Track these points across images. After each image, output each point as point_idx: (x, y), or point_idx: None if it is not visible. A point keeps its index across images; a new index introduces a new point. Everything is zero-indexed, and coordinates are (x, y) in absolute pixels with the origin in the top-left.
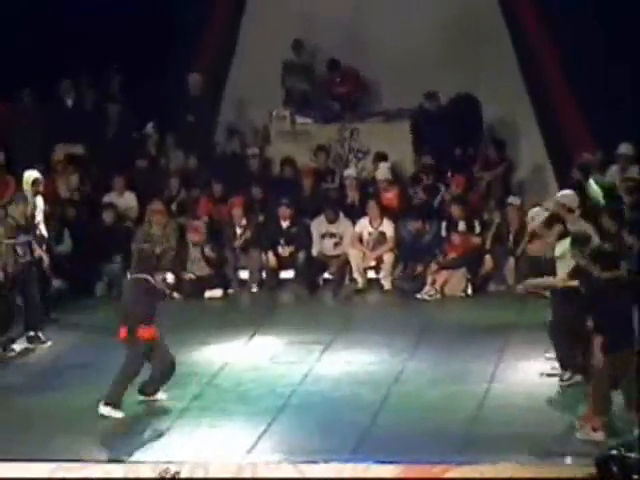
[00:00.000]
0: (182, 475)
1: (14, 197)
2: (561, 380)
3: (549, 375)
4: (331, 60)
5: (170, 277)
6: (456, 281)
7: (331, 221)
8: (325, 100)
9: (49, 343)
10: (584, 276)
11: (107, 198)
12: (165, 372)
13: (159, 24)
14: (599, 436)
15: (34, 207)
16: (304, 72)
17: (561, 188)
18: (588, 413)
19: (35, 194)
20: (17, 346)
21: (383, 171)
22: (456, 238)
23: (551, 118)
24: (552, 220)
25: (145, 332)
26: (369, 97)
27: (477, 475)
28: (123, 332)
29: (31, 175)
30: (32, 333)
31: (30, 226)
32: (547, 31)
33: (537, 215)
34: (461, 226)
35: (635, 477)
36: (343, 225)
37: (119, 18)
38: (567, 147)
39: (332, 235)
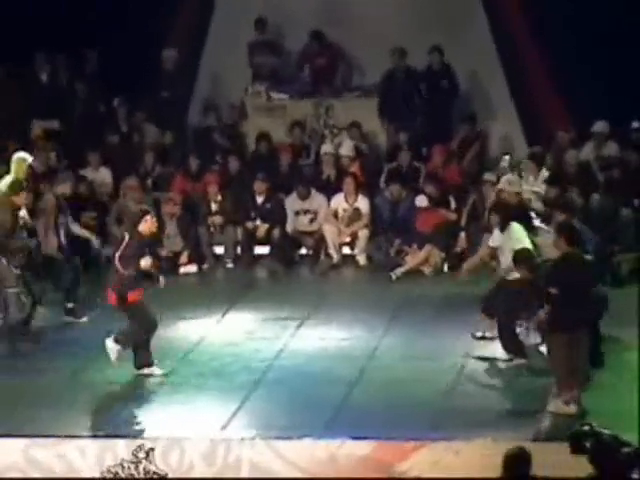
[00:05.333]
0: (157, 452)
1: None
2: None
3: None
4: (314, 31)
5: (145, 262)
6: (432, 260)
7: (303, 197)
8: (301, 73)
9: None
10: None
11: (83, 173)
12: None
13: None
14: (570, 410)
15: None
16: (270, 48)
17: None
18: (556, 387)
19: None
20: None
21: (346, 147)
22: (421, 213)
23: (526, 94)
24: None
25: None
26: (347, 71)
27: (451, 452)
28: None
29: (20, 156)
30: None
31: None
32: (523, 2)
33: (511, 183)
34: (422, 201)
35: (608, 454)
36: (317, 201)
37: None
38: (542, 124)
39: (306, 212)
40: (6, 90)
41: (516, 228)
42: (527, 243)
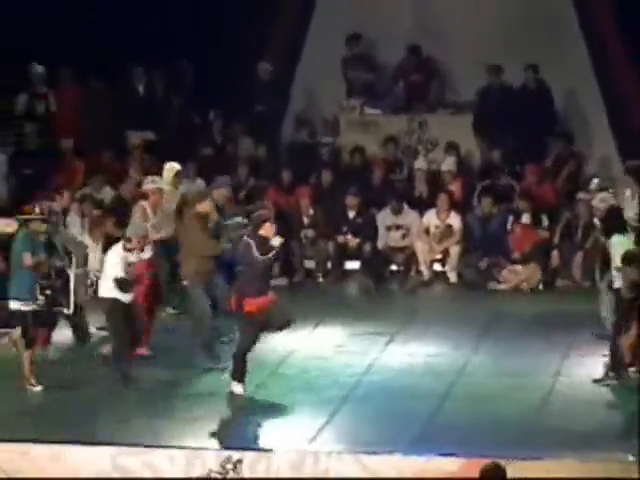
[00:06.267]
0: (244, 463)
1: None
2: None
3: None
4: (412, 46)
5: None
6: (532, 277)
7: (396, 212)
8: (396, 87)
9: None
10: None
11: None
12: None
13: (230, 14)
14: None
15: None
16: (364, 63)
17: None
18: None
19: (176, 186)
20: None
21: (448, 163)
22: (518, 231)
23: (622, 114)
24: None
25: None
26: (440, 87)
27: (541, 471)
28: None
29: (173, 166)
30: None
31: None
32: (616, 16)
33: (604, 200)
34: (525, 219)
35: None
36: (409, 217)
37: (191, 8)
38: (636, 140)
39: (398, 227)
40: (102, 102)
41: (620, 239)
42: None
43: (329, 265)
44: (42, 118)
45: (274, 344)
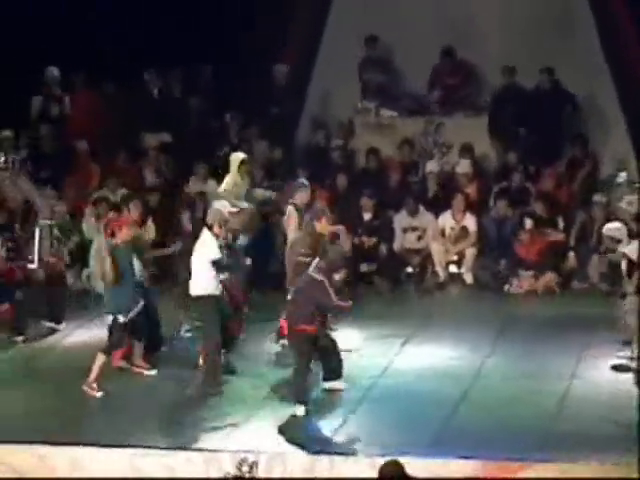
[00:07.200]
0: (260, 465)
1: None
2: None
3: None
4: (445, 48)
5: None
6: (548, 282)
7: (412, 214)
8: (434, 91)
9: None
10: None
11: (191, 185)
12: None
13: (246, 16)
14: None
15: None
16: (380, 66)
17: None
18: None
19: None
20: None
21: (464, 165)
22: (526, 237)
23: (637, 111)
24: None
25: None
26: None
27: (557, 474)
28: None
29: (239, 156)
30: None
31: None
32: (632, 14)
33: (632, 203)
34: (528, 224)
35: None
36: (425, 218)
37: (207, 10)
38: None
39: (414, 229)
40: (116, 104)
41: None
42: None
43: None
44: (57, 121)
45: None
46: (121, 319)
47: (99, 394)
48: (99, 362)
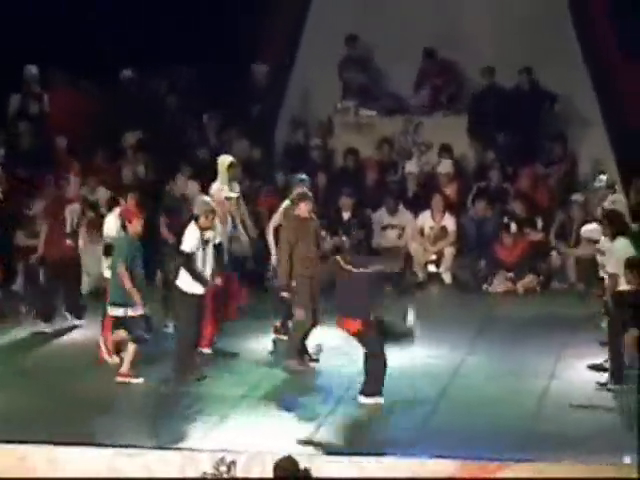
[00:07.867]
0: (238, 465)
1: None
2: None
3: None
4: (427, 49)
5: None
6: (528, 284)
7: (392, 212)
8: (421, 91)
9: None
10: None
11: (179, 184)
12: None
13: (226, 15)
14: None
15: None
16: (360, 65)
17: (625, 185)
18: None
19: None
20: None
21: (445, 165)
22: (508, 240)
23: (617, 116)
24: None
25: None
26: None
27: (536, 474)
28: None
29: (227, 159)
30: None
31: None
32: (611, 17)
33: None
34: (513, 228)
35: None
36: (405, 217)
37: (186, 10)
38: (633, 146)
39: (394, 227)
40: (95, 103)
41: (626, 241)
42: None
43: None
44: (36, 118)
45: (265, 346)
46: (130, 312)
47: (140, 380)
48: (130, 352)
